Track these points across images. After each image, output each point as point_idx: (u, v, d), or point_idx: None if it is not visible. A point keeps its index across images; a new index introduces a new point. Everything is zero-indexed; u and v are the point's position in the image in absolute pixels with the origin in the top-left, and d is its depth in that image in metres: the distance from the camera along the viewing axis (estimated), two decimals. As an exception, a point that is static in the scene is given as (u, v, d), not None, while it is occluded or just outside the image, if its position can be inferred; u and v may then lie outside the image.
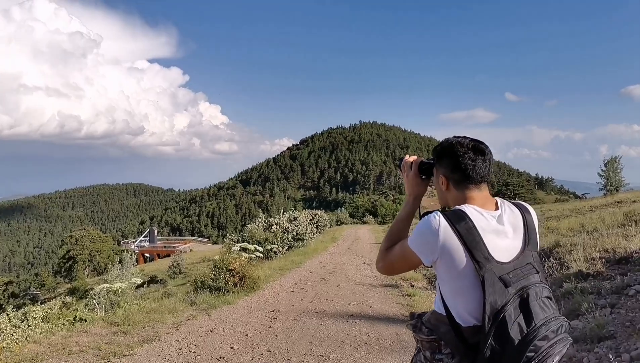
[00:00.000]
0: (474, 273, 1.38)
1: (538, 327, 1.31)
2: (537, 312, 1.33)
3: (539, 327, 1.31)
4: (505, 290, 1.35)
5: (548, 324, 1.32)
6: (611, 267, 5.62)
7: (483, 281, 1.36)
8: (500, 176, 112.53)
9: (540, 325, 1.31)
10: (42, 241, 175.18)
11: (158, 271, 26.44)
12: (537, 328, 1.31)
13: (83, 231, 45.05)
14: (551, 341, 1.31)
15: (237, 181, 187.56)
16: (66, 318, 6.18)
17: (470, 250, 1.38)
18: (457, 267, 1.41)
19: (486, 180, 1.53)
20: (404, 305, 6.95)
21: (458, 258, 1.40)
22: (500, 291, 1.35)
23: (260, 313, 6.65)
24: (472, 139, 1.55)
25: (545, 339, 1.30)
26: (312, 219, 21.56)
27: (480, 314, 1.36)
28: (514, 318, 1.32)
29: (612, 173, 23.83)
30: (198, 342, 5.25)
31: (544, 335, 1.30)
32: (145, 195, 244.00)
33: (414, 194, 1.74)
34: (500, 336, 1.32)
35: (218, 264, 8.35)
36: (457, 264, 1.41)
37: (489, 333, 1.33)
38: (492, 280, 1.36)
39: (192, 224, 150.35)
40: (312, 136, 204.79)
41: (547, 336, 1.31)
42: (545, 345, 1.30)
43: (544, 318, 1.33)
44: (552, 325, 1.33)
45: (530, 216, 1.53)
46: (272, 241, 14.69)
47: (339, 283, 9.04)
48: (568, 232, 8.96)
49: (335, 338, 5.34)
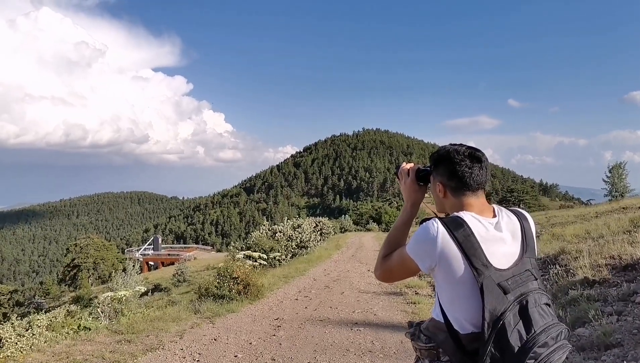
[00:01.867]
0: (472, 280, 1.38)
1: (538, 334, 1.30)
2: (537, 319, 1.33)
3: (538, 334, 1.30)
4: (504, 297, 1.35)
5: (548, 331, 1.32)
6: (617, 274, 5.57)
7: (482, 288, 1.36)
8: (505, 182, 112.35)
9: (539, 332, 1.30)
10: (47, 249, 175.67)
11: (162, 279, 26.39)
12: (536, 335, 1.30)
13: (88, 239, 45.06)
14: (551, 348, 1.30)
15: (240, 188, 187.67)
16: (70, 327, 6.19)
17: (469, 257, 1.38)
18: (455, 274, 1.41)
19: (483, 187, 1.54)
20: (409, 312, 6.91)
21: (456, 265, 1.40)
22: (499, 298, 1.35)
23: (264, 322, 6.63)
24: (469, 147, 1.55)
25: (545, 346, 1.30)
26: (315, 227, 21.50)
27: (478, 321, 1.36)
28: (513, 325, 1.31)
29: (617, 179, 23.73)
30: (202, 351, 5.24)
31: (544, 342, 1.30)
32: (149, 203, 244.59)
33: (411, 201, 1.74)
34: (499, 343, 1.31)
35: (222, 272, 8.34)
36: (455, 271, 1.41)
37: (488, 341, 1.32)
38: (491, 287, 1.36)
39: (196, 232, 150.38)
40: (316, 143, 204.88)
41: (547, 343, 1.30)
42: (545, 352, 1.29)
43: (544, 325, 1.32)
44: (552, 332, 1.32)
45: (527, 223, 1.53)
46: (276, 248, 14.66)
47: (343, 291, 9.01)
48: (573, 239, 8.89)
49: (340, 346, 5.31)
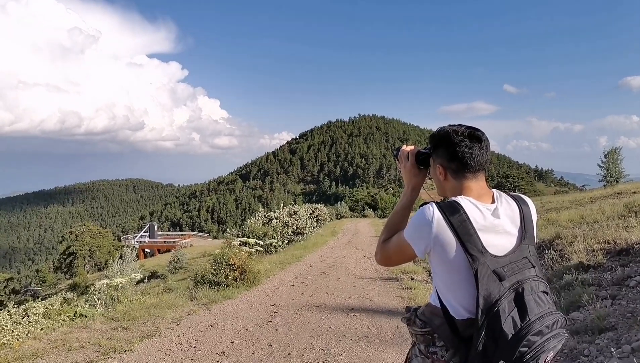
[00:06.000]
0: (467, 266, 1.36)
1: (532, 322, 1.28)
2: (532, 307, 1.30)
3: (533, 322, 1.28)
4: (500, 284, 1.33)
5: (543, 319, 1.29)
6: (612, 258, 5.61)
7: (476, 275, 1.34)
8: (500, 168, 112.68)
9: (534, 320, 1.28)
10: (43, 237, 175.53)
11: (158, 266, 26.40)
12: (531, 323, 1.28)
13: (83, 226, 44.99)
14: (545, 336, 1.28)
15: (236, 175, 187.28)
16: (67, 314, 6.19)
17: (464, 243, 1.36)
18: (450, 260, 1.39)
19: (484, 168, 1.50)
20: (405, 298, 6.95)
21: (451, 250, 1.38)
22: (494, 284, 1.32)
23: (260, 308, 6.65)
24: (468, 127, 1.51)
25: (540, 334, 1.27)
26: (312, 213, 21.56)
27: (473, 307, 1.34)
28: (507, 313, 1.29)
29: (612, 164, 23.85)
30: (198, 337, 5.25)
31: (538, 330, 1.27)
32: (145, 190, 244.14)
33: (411, 185, 1.71)
34: (493, 330, 1.29)
35: (218, 259, 8.35)
36: (449, 256, 1.39)
37: (482, 327, 1.30)
38: (486, 273, 1.34)
39: (192, 219, 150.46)
40: (312, 129, 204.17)
41: (542, 331, 1.28)
42: (539, 340, 1.27)
43: (539, 313, 1.30)
44: (547, 320, 1.30)
45: (528, 209, 1.50)
46: (272, 235, 14.68)
47: (339, 277, 9.04)
48: (568, 224, 8.93)
49: (336, 332, 5.34)
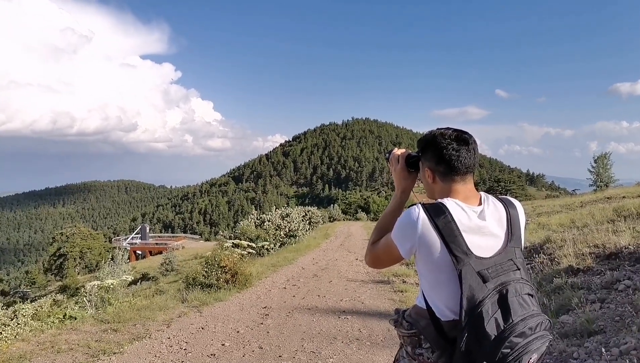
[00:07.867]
0: (451, 267, 1.37)
1: (515, 324, 1.29)
2: (516, 309, 1.31)
3: (516, 324, 1.29)
4: (484, 285, 1.33)
5: (526, 321, 1.30)
6: (601, 262, 5.65)
7: (460, 276, 1.35)
8: (492, 172, 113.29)
9: (517, 322, 1.29)
10: (33, 238, 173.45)
11: (150, 268, 26.28)
12: (514, 325, 1.28)
13: (74, 228, 44.60)
14: (528, 338, 1.29)
15: (229, 177, 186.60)
16: (56, 316, 6.13)
17: (448, 244, 1.37)
18: (434, 261, 1.40)
19: (471, 171, 1.51)
20: (396, 301, 6.96)
21: (435, 251, 1.39)
22: (478, 286, 1.33)
23: (252, 310, 6.63)
24: (455, 130, 1.52)
25: (522, 336, 1.28)
26: (304, 216, 21.51)
27: (458, 308, 1.35)
28: (491, 314, 1.30)
29: (602, 169, 24.12)
30: (189, 339, 5.22)
31: (521, 332, 1.28)
32: (137, 192, 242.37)
33: (401, 188, 1.72)
34: (476, 331, 1.30)
35: (210, 261, 8.31)
36: (434, 258, 1.40)
37: (465, 328, 1.31)
38: (470, 274, 1.35)
39: (184, 221, 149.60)
40: (305, 132, 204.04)
41: (524, 333, 1.28)
42: (522, 341, 1.28)
43: (522, 315, 1.31)
44: (530, 322, 1.30)
45: (515, 212, 1.51)
46: (265, 237, 14.64)
47: (331, 280, 9.04)
48: (558, 228, 9.01)
49: (327, 335, 5.33)
